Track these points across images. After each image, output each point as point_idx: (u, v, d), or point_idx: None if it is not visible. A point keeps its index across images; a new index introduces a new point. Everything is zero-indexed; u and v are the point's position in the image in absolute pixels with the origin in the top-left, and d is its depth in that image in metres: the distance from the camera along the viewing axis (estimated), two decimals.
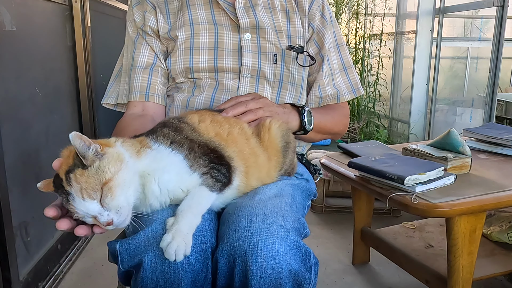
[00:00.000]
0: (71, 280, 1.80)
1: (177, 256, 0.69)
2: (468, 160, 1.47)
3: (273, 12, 1.15)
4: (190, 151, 0.80)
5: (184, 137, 0.82)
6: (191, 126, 0.86)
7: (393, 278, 1.84)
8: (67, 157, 0.72)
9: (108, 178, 0.70)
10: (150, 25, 1.12)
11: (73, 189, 0.69)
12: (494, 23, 2.57)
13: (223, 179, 0.81)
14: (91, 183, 0.69)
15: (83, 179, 0.69)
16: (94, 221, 0.71)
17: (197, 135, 0.84)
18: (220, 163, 0.82)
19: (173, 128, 0.84)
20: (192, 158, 0.79)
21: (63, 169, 0.71)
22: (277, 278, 0.74)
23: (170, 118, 0.90)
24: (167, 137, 0.81)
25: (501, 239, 1.66)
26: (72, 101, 2.06)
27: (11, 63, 1.52)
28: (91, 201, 0.69)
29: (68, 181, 0.69)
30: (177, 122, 0.86)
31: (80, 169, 0.69)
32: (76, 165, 0.70)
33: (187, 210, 0.75)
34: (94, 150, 0.71)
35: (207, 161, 0.80)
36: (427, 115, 3.40)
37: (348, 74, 1.23)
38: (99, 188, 0.69)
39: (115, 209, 0.70)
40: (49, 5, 1.81)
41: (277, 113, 1.02)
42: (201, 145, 0.82)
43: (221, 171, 0.81)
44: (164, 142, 0.80)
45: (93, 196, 0.69)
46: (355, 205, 1.88)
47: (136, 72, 1.11)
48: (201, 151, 0.81)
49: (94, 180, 0.69)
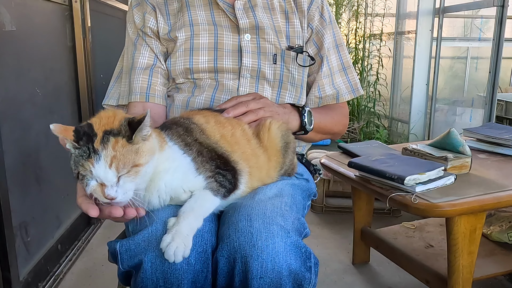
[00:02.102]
0: (71, 280, 1.80)
1: (176, 257, 0.69)
2: (468, 160, 1.47)
3: (273, 12, 1.15)
4: (198, 154, 0.80)
5: (194, 139, 0.83)
6: (200, 127, 0.86)
7: (393, 278, 1.84)
8: (110, 117, 0.71)
9: (140, 163, 0.70)
10: (150, 26, 1.12)
11: (104, 152, 0.68)
12: (494, 23, 2.57)
13: (228, 185, 0.82)
14: (126, 158, 0.69)
15: (122, 150, 0.68)
16: (95, 188, 0.69)
17: (205, 137, 0.85)
18: (226, 168, 0.82)
19: (184, 128, 0.84)
20: (199, 162, 0.80)
21: (100, 125, 0.70)
22: (277, 278, 0.74)
23: (178, 118, 0.90)
24: (181, 138, 0.82)
25: (501, 239, 1.66)
26: (72, 101, 2.06)
27: (11, 63, 1.52)
28: (114, 172, 0.68)
29: (105, 141, 0.68)
30: (188, 122, 0.86)
31: (124, 139, 0.69)
32: (121, 133, 0.69)
33: (189, 212, 0.75)
34: (146, 133, 0.71)
35: (213, 166, 0.81)
36: (427, 115, 3.40)
37: (348, 74, 1.23)
38: (129, 166, 0.69)
39: (125, 190, 0.70)
40: (49, 5, 1.81)
41: (277, 113, 1.02)
42: (209, 150, 0.83)
43: (226, 177, 0.82)
44: (178, 142, 0.81)
45: (119, 170, 0.68)
46: (355, 205, 1.88)
47: (136, 73, 1.11)
48: (209, 155, 0.82)
49: (130, 157, 0.69)
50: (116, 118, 0.71)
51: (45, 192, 1.72)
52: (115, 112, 0.73)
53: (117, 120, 0.71)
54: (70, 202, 2.01)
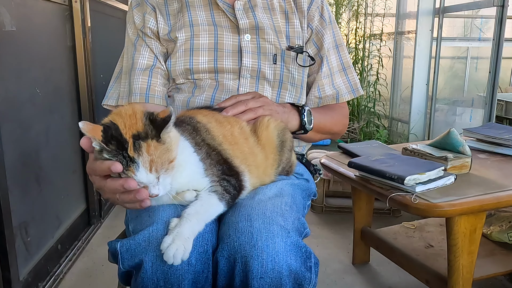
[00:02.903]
0: (71, 280, 1.80)
1: (175, 259, 0.69)
2: (468, 160, 1.47)
3: (273, 12, 1.15)
4: (207, 156, 0.81)
5: (202, 139, 0.83)
6: (205, 127, 0.86)
7: (393, 278, 1.84)
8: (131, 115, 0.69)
9: (173, 157, 0.70)
10: (150, 26, 1.12)
11: (141, 159, 0.67)
12: (494, 23, 2.57)
13: (232, 191, 0.82)
14: (162, 159, 0.68)
15: (156, 152, 0.68)
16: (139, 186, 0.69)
17: (210, 138, 0.85)
18: (230, 174, 0.83)
19: (192, 127, 0.84)
20: (208, 164, 0.80)
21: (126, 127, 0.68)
22: (277, 278, 0.74)
23: (183, 116, 0.89)
24: (191, 136, 0.82)
25: (501, 239, 1.66)
26: (72, 101, 2.06)
27: (11, 63, 1.52)
28: (154, 175, 0.68)
29: (137, 148, 0.67)
30: (193, 121, 0.86)
31: (154, 141, 0.68)
32: (149, 135, 0.68)
33: (193, 215, 0.75)
34: (170, 127, 0.70)
35: (220, 171, 0.81)
36: (427, 115, 3.40)
37: (348, 75, 1.23)
38: (166, 164, 0.69)
39: (165, 185, 0.71)
40: (49, 5, 1.81)
41: (277, 112, 1.02)
42: (216, 153, 0.83)
43: (231, 182, 0.82)
44: (188, 139, 0.81)
45: (159, 171, 0.68)
46: (355, 205, 1.88)
47: (136, 74, 1.11)
48: (216, 159, 0.82)
49: (165, 156, 0.69)
50: (138, 116, 0.70)
51: (45, 192, 1.72)
52: (133, 107, 0.72)
53: (139, 119, 0.69)
54: (70, 202, 2.01)
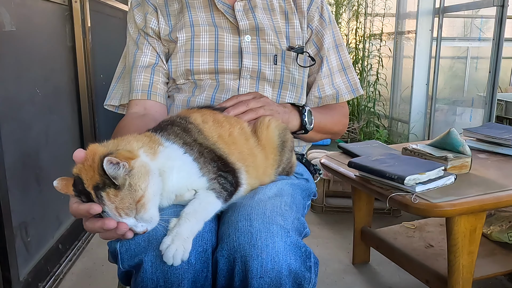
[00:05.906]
0: (71, 280, 1.80)
1: (175, 260, 0.69)
2: (468, 160, 1.47)
3: (272, 13, 1.15)
4: (200, 155, 0.80)
5: (193, 139, 0.83)
6: (197, 128, 0.86)
7: (393, 278, 1.84)
8: (89, 167, 0.69)
9: (140, 195, 0.70)
10: (151, 26, 1.12)
11: (107, 207, 0.69)
12: (494, 23, 2.57)
13: (229, 187, 0.82)
14: (126, 203, 0.69)
15: (117, 200, 0.68)
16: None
17: (203, 138, 0.84)
18: (226, 170, 0.82)
19: (182, 128, 0.84)
20: (202, 162, 0.80)
21: (88, 181, 0.69)
22: (277, 277, 0.74)
23: (175, 117, 0.89)
24: (179, 137, 0.81)
25: (501, 239, 1.66)
26: (72, 101, 2.06)
27: (11, 63, 1.52)
28: (126, 218, 0.69)
29: (100, 198, 0.68)
30: (184, 122, 0.86)
31: (112, 189, 0.68)
32: (107, 184, 0.68)
33: (192, 215, 0.75)
34: (123, 169, 0.69)
35: (215, 168, 0.81)
36: (427, 115, 3.40)
37: (347, 74, 1.23)
38: (133, 206, 0.69)
39: (148, 220, 0.72)
40: (49, 5, 1.81)
41: (277, 112, 1.02)
42: (209, 150, 0.82)
43: (227, 179, 0.82)
44: (176, 141, 0.80)
45: (129, 214, 0.69)
46: (355, 205, 1.88)
47: (137, 71, 1.11)
48: (210, 156, 0.82)
49: (128, 199, 0.69)
50: (95, 165, 0.69)
51: (45, 192, 1.72)
52: (95, 151, 0.71)
53: (96, 169, 0.69)
54: None
